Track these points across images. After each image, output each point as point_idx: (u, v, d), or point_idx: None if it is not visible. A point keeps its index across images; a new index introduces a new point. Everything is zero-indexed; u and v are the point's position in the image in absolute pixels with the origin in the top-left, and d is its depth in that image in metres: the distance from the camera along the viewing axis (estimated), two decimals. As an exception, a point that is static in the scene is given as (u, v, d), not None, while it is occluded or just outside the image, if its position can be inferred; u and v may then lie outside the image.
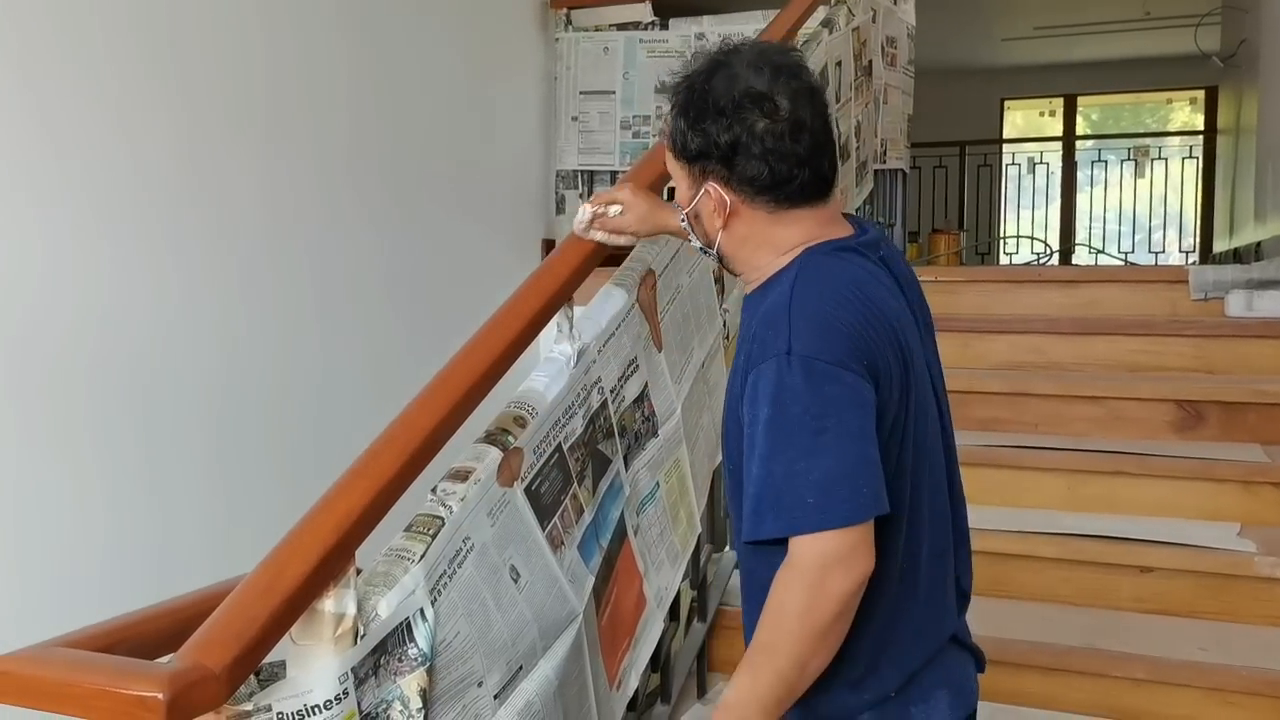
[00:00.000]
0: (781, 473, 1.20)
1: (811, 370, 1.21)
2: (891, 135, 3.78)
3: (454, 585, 1.35)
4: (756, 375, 1.25)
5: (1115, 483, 2.69)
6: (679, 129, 1.34)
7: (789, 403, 1.21)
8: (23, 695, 0.98)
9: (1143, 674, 2.19)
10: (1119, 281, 3.55)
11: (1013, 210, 8.87)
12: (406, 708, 1.24)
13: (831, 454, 1.19)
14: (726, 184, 1.33)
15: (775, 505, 1.21)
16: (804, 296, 1.27)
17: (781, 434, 1.21)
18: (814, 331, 1.23)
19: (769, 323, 1.27)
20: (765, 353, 1.25)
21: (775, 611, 1.22)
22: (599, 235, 1.69)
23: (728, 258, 1.41)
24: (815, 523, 1.18)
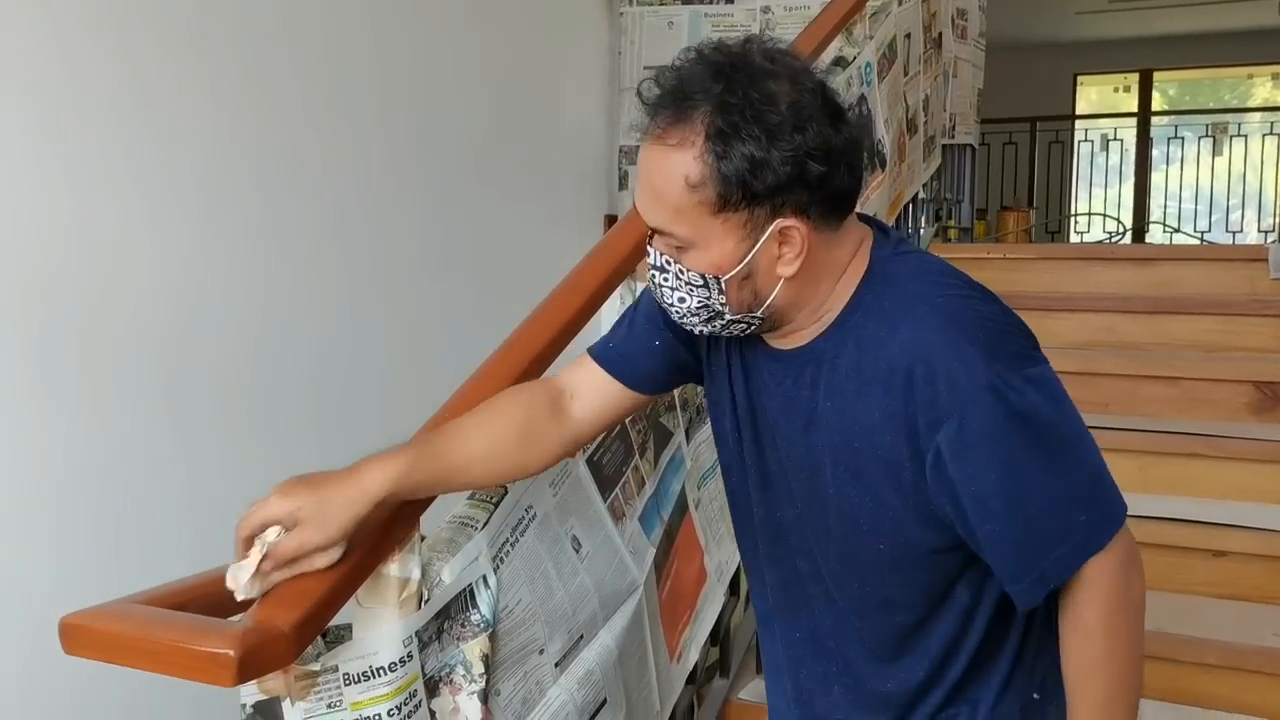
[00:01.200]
0: (1042, 509, 1.04)
1: (1030, 381, 1.03)
2: (961, 110, 3.72)
3: (516, 553, 1.36)
4: (959, 422, 1.02)
5: (1189, 464, 2.62)
6: (742, 160, 1.01)
7: (1021, 431, 1.02)
8: (99, 649, 1.01)
9: (1214, 659, 2.14)
10: (1195, 260, 3.46)
11: (1084, 188, 8.66)
12: (469, 672, 1.26)
13: (1081, 459, 1.06)
14: (803, 211, 1.05)
15: (1049, 547, 1.04)
16: (949, 308, 1.06)
17: (1026, 468, 1.03)
18: (997, 338, 1.05)
19: (934, 355, 1.03)
20: (959, 391, 1.02)
21: (1105, 652, 1.08)
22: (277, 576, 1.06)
23: (777, 314, 1.12)
24: (1103, 534, 1.05)
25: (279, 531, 1.06)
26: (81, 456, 1.95)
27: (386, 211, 2.73)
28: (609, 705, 1.53)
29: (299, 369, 2.42)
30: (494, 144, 3.19)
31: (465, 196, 3.05)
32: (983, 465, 1.03)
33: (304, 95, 2.47)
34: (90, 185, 1.98)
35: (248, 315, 2.30)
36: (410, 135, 2.84)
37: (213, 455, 2.19)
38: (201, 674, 0.96)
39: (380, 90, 2.72)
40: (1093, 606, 1.07)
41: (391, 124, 2.77)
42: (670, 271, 1.10)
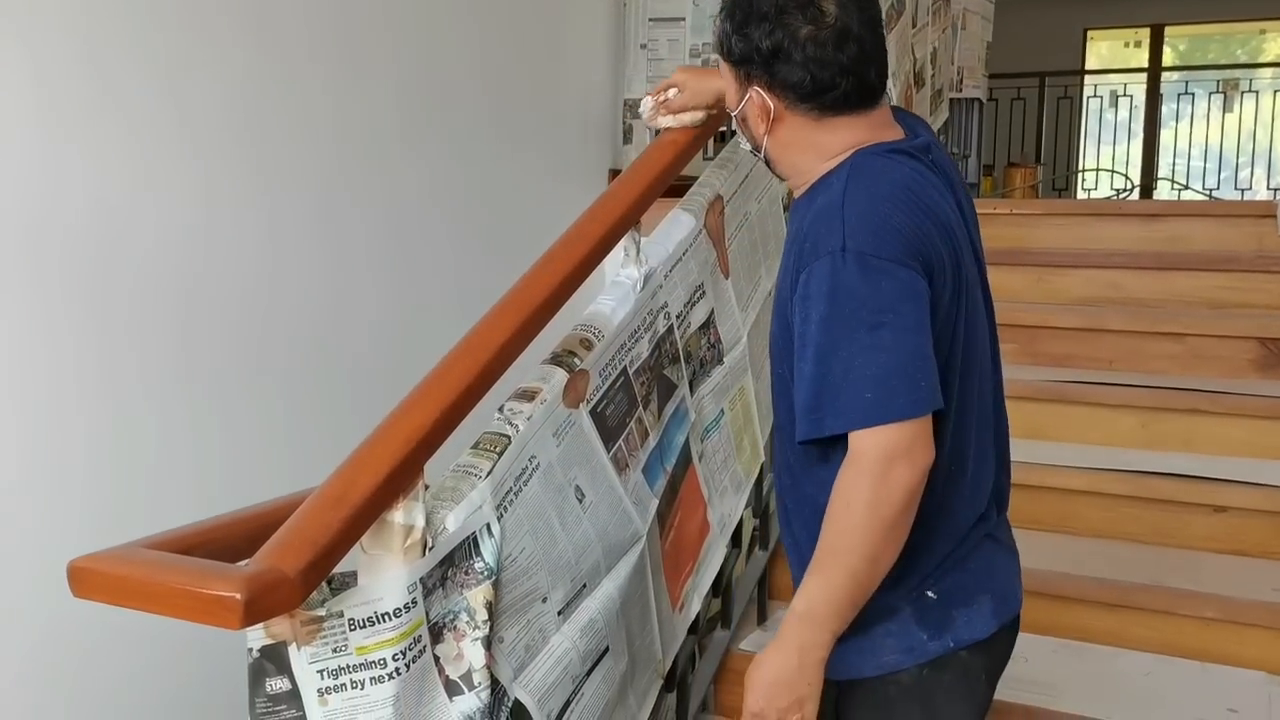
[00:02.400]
0: (840, 370, 1.20)
1: (866, 265, 1.20)
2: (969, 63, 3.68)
3: (520, 502, 1.37)
4: (809, 274, 1.24)
5: (1191, 421, 2.63)
6: (725, 32, 1.35)
7: (844, 299, 1.20)
8: (109, 593, 1.02)
9: (1213, 613, 2.16)
10: (1203, 215, 3.44)
11: (1092, 145, 8.59)
12: (473, 619, 1.27)
13: (889, 348, 1.19)
14: (769, 89, 1.33)
15: (834, 402, 1.21)
16: (855, 195, 1.26)
17: (837, 330, 1.21)
18: (868, 228, 1.23)
19: (821, 220, 1.26)
20: (818, 250, 1.24)
21: (841, 511, 1.22)
22: (666, 120, 1.78)
23: (773, 161, 1.41)
24: (877, 416, 1.18)
25: (675, 91, 1.77)
26: (92, 404, 1.96)
27: (394, 162, 2.72)
28: (611, 653, 1.54)
29: (306, 317, 2.43)
30: (499, 97, 3.16)
31: (470, 149, 3.03)
32: (807, 315, 1.24)
33: (310, 48, 2.45)
34: (95, 137, 1.97)
35: (255, 264, 2.29)
36: (416, 87, 2.82)
37: (221, 403, 2.19)
38: (208, 617, 0.97)
39: (387, 42, 2.69)
40: (847, 470, 1.22)
41: (398, 75, 2.74)
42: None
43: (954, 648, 1.33)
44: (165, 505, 1.99)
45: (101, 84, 1.97)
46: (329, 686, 1.15)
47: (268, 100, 2.34)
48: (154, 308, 2.07)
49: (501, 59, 3.18)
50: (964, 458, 1.34)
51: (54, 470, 1.90)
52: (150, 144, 2.07)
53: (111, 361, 1.99)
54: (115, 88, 2.00)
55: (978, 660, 1.35)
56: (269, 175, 2.34)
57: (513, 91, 3.24)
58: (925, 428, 1.20)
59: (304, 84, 2.44)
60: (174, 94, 2.12)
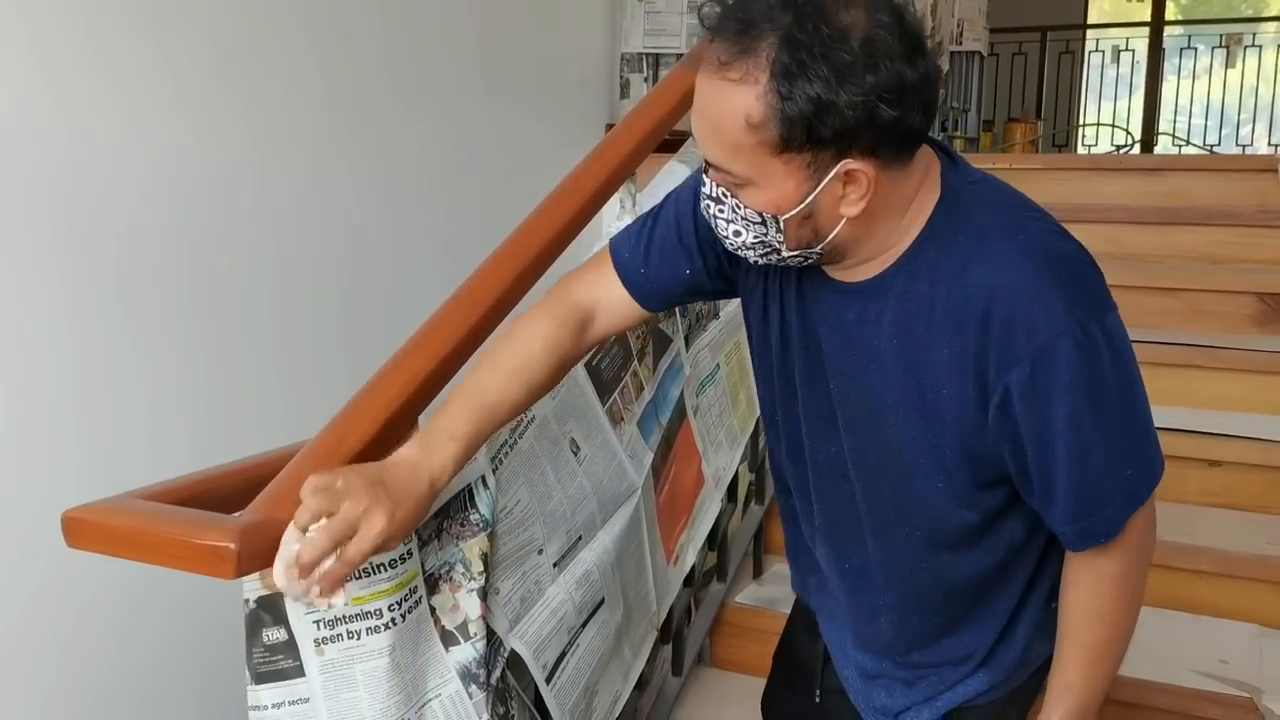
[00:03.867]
0: (1098, 462, 1.04)
1: (1107, 332, 1.01)
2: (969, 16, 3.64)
3: (515, 455, 1.37)
4: (1033, 365, 1.00)
5: (1187, 376, 2.62)
6: (808, 101, 0.94)
7: (1100, 392, 1.01)
8: (103, 543, 1.02)
9: (1207, 566, 2.17)
10: (1204, 170, 3.42)
11: (1094, 100, 8.52)
12: (468, 570, 1.27)
13: (1135, 412, 1.05)
14: (872, 152, 0.98)
15: (1097, 499, 1.06)
16: (1023, 246, 1.02)
17: (1087, 422, 1.02)
18: (1083, 284, 1.02)
19: (1020, 298, 1.00)
20: (1034, 338, 0.99)
21: (1114, 603, 1.13)
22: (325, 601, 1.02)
23: (843, 248, 1.07)
24: (1143, 493, 1.07)
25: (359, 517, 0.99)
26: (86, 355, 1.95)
27: (388, 116, 2.70)
28: (606, 604, 1.55)
29: (301, 270, 2.41)
30: (494, 52, 3.13)
31: (465, 104, 3.00)
32: (1050, 412, 1.01)
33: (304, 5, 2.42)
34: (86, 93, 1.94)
35: (249, 217, 2.28)
36: (411, 41, 2.78)
37: (216, 355, 2.19)
38: (202, 566, 0.97)
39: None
40: (1117, 556, 1.09)
41: (392, 29, 2.71)
42: (727, 204, 1.05)
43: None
44: (160, 457, 1.99)
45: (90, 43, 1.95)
46: (325, 637, 1.16)
47: (259, 56, 2.31)
48: (147, 261, 2.06)
49: (496, 13, 3.14)
50: None
51: (48, 422, 1.89)
52: (141, 101, 2.05)
53: (105, 312, 1.98)
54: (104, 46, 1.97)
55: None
56: (261, 130, 2.32)
57: (508, 46, 3.21)
58: None
59: (296, 39, 2.41)
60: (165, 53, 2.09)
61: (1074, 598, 1.15)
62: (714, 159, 1.02)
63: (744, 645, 2.19)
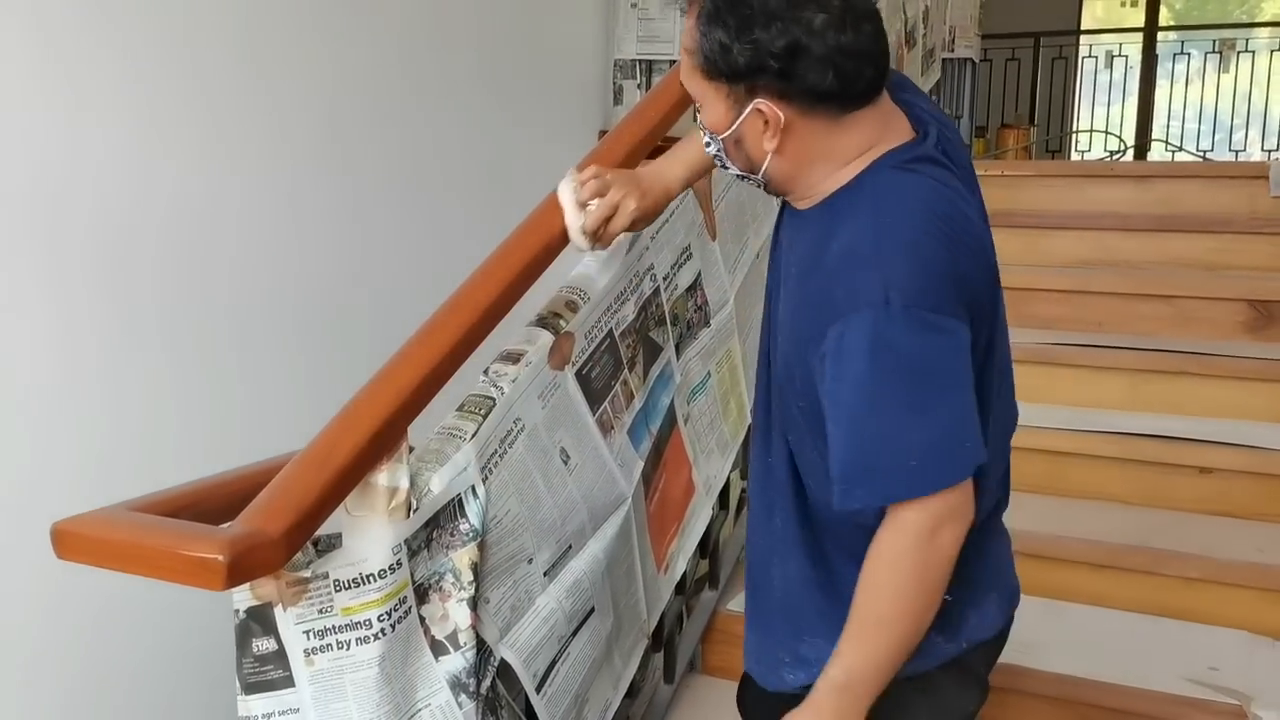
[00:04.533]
0: (876, 435, 1.10)
1: (911, 320, 1.08)
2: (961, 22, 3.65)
3: (505, 464, 1.37)
4: (844, 326, 1.10)
5: (1179, 383, 2.63)
6: (715, 42, 1.14)
7: (886, 359, 1.09)
8: (92, 555, 1.02)
9: (1196, 573, 2.17)
10: (1195, 177, 3.43)
11: (1087, 106, 8.54)
12: (458, 580, 1.28)
13: (935, 412, 1.10)
14: (781, 98, 1.14)
15: (872, 470, 1.12)
16: (891, 232, 1.12)
17: (876, 394, 1.10)
18: (911, 273, 1.10)
19: (854, 264, 1.12)
20: (856, 301, 1.10)
21: (888, 578, 1.15)
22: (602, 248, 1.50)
23: (776, 180, 1.24)
24: (921, 487, 1.10)
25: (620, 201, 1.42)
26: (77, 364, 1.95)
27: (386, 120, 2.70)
28: (597, 613, 1.55)
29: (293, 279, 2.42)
30: (484, 58, 3.13)
31: (460, 109, 3.00)
32: (843, 373, 1.11)
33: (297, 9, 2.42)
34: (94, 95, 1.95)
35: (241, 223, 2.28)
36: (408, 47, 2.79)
37: (208, 366, 2.19)
38: (191, 578, 0.97)
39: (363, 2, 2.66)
40: (889, 538, 1.14)
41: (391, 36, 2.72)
42: (699, 125, 1.27)
43: (965, 648, 1.30)
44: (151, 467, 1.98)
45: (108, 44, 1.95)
46: (315, 647, 1.16)
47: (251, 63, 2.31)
48: (139, 268, 2.06)
49: (493, 18, 3.15)
50: (989, 483, 1.27)
51: (39, 432, 1.89)
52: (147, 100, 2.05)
53: (97, 321, 1.98)
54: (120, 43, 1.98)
55: (984, 653, 1.34)
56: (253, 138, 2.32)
57: (503, 51, 3.22)
58: (969, 486, 1.13)
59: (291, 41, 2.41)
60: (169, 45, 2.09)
61: (866, 566, 1.18)
62: (682, 78, 1.24)
63: (735, 653, 2.16)
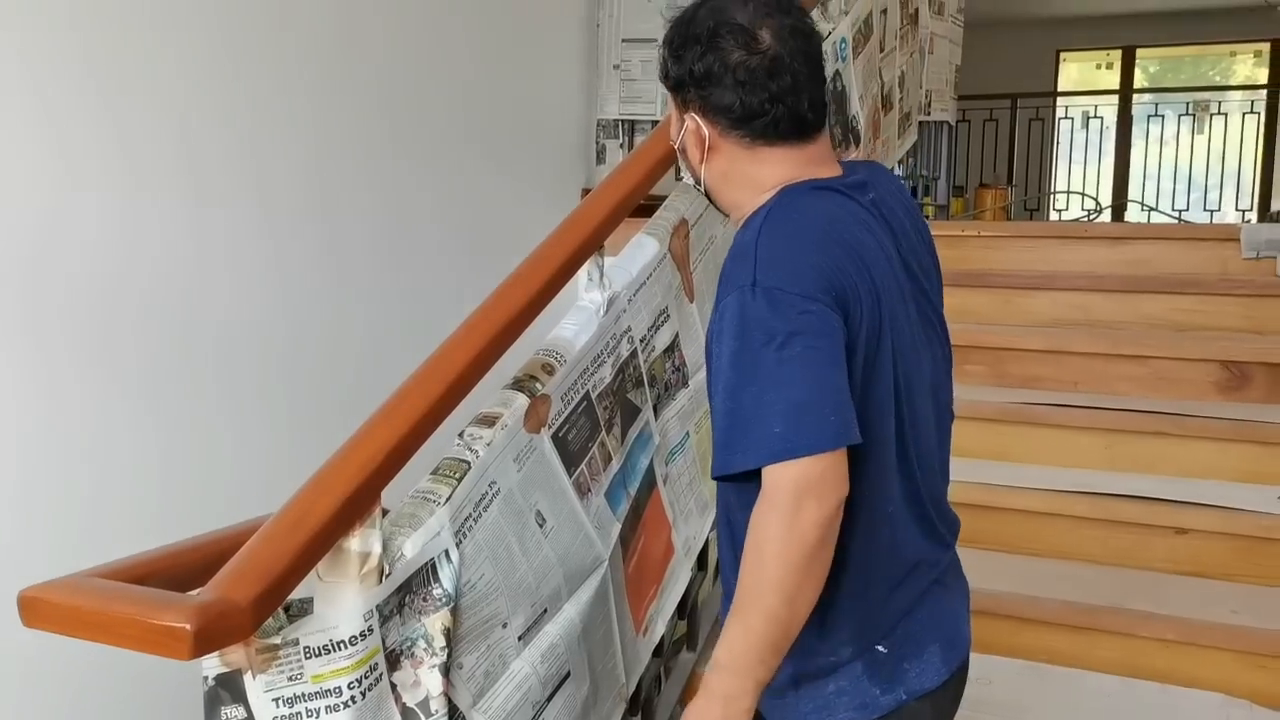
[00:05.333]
0: (749, 404, 1.19)
1: (774, 299, 1.20)
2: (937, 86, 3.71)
3: (479, 528, 1.37)
4: (721, 310, 1.25)
5: (1155, 443, 2.65)
6: (663, 57, 1.38)
7: (753, 333, 1.20)
8: (57, 622, 1.01)
9: (1173, 635, 2.17)
10: (1169, 239, 3.47)
11: (1064, 166, 8.67)
12: (430, 645, 1.27)
13: (797, 382, 1.18)
14: (704, 114, 1.35)
15: (744, 437, 1.19)
16: (771, 231, 1.26)
17: (746, 365, 1.20)
18: (777, 264, 1.23)
19: (736, 256, 1.27)
20: (730, 286, 1.25)
21: (754, 550, 1.19)
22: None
23: (712, 193, 1.42)
24: (784, 451, 1.16)
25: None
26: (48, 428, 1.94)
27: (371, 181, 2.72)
28: (573, 678, 1.54)
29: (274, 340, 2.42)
30: (469, 118, 3.17)
31: (439, 170, 3.03)
32: (719, 351, 1.24)
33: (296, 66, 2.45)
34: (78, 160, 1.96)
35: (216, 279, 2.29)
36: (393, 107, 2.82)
37: (181, 427, 2.18)
38: (157, 647, 0.96)
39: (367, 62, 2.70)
40: (759, 511, 1.19)
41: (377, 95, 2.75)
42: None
43: (906, 700, 1.30)
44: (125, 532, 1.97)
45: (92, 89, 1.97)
46: (284, 715, 1.15)
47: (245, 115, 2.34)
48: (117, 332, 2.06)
49: (473, 79, 3.19)
50: (890, 497, 1.30)
51: (7, 496, 1.88)
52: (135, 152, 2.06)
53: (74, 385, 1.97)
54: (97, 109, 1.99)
55: (928, 708, 1.33)
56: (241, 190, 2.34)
57: (487, 112, 3.26)
58: (837, 462, 1.17)
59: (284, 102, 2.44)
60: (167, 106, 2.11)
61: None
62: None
63: (714, 715, 2.17)
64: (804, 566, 1.17)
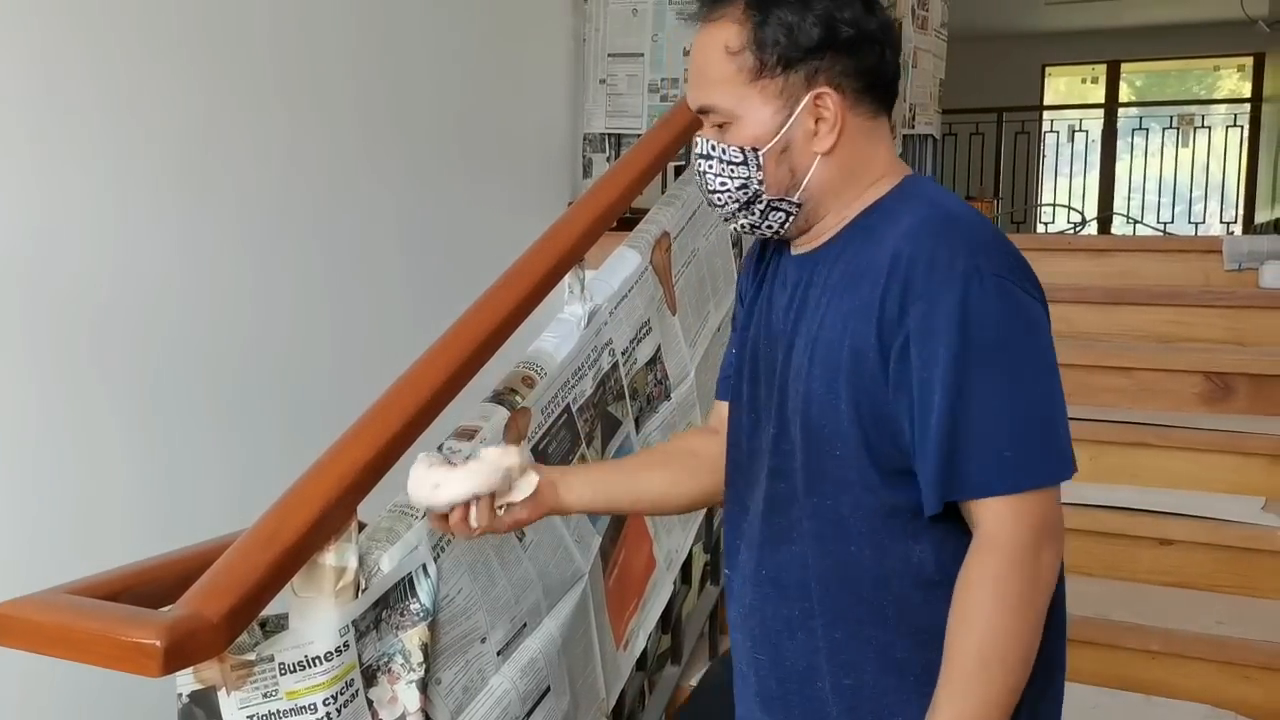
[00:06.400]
0: (975, 416, 0.98)
1: (1006, 291, 0.99)
2: (921, 100, 3.73)
3: (457, 542, 1.36)
4: (929, 304, 0.99)
5: (1138, 454, 2.65)
6: (779, 25, 1.06)
7: (982, 330, 0.98)
8: (26, 639, 1.00)
9: (1157, 646, 2.17)
10: (1152, 251, 3.49)
11: (1050, 179, 8.72)
12: (408, 661, 1.26)
13: (1030, 392, 0.99)
14: (837, 85, 1.08)
15: (967, 463, 0.99)
16: (963, 210, 1.07)
17: (973, 369, 0.98)
18: (999, 247, 1.03)
19: (929, 237, 1.03)
20: (937, 272, 0.99)
21: (993, 610, 0.98)
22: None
23: (816, 196, 1.11)
24: (1022, 481, 0.98)
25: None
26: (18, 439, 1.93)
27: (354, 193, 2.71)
28: (552, 693, 1.53)
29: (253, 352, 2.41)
30: (453, 132, 3.17)
31: (430, 181, 3.03)
32: (937, 352, 0.99)
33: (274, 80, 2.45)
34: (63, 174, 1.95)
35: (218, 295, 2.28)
36: (377, 120, 2.82)
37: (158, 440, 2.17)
38: (127, 664, 0.95)
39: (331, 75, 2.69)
40: (988, 554, 1.00)
41: (360, 107, 2.75)
42: (714, 157, 1.12)
43: None
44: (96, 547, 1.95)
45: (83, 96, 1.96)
46: (258, 732, 1.14)
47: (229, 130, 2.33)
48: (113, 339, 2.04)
49: (456, 93, 3.19)
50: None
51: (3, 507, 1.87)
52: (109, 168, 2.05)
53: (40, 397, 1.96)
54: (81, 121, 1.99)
55: None
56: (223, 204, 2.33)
57: (473, 125, 3.26)
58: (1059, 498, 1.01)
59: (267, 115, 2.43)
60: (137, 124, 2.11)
61: (952, 605, 1.02)
62: (701, 101, 1.12)
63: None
64: (1041, 623, 1.01)
